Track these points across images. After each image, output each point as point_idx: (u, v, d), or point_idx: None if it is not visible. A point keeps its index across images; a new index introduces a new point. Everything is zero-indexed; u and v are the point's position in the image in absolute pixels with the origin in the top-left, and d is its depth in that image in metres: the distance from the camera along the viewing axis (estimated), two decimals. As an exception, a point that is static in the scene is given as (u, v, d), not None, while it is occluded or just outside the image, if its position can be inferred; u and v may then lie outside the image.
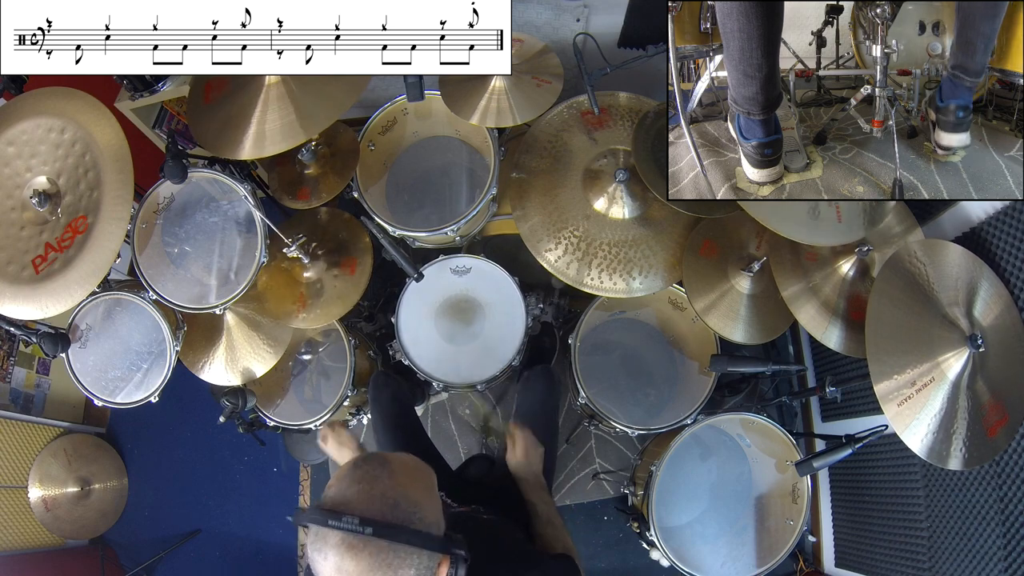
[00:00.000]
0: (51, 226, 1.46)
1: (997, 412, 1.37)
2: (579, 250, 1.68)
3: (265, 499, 2.63)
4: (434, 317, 1.90)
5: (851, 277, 1.59)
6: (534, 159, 1.76)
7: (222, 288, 1.72)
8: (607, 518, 2.42)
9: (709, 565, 1.80)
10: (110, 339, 1.78)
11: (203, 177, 1.68)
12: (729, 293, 1.70)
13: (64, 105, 1.47)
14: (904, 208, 1.67)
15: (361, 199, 1.79)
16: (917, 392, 1.32)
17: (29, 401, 2.41)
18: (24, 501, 2.38)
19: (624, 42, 2.09)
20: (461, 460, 1.94)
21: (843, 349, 1.56)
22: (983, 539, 1.55)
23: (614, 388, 2.13)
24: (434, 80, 1.71)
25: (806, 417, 2.42)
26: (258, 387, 1.98)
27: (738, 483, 2.03)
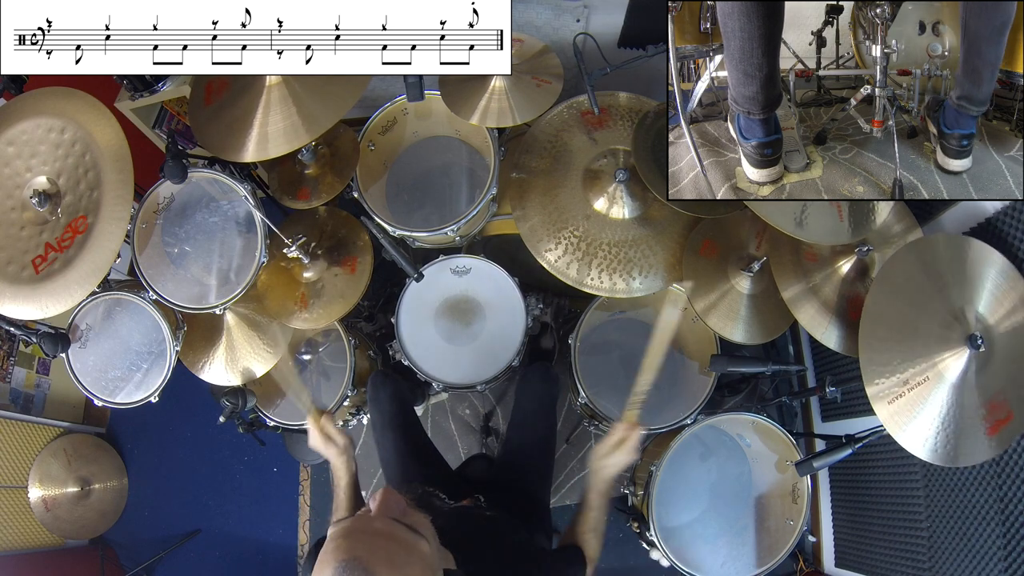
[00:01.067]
0: (51, 226, 1.46)
1: (1001, 410, 1.36)
2: (579, 250, 1.68)
3: (265, 499, 2.63)
4: (434, 317, 1.90)
5: (851, 277, 1.59)
6: (534, 159, 1.76)
7: (222, 288, 1.72)
8: (607, 518, 2.41)
9: (709, 565, 1.80)
10: (110, 339, 1.78)
11: (203, 177, 1.68)
12: (729, 293, 1.70)
13: (64, 105, 1.47)
14: (904, 208, 1.67)
15: (361, 199, 1.79)
16: (910, 391, 1.32)
17: (29, 401, 2.42)
18: (24, 501, 2.38)
19: (624, 42, 2.09)
20: (461, 460, 1.94)
21: (843, 349, 1.56)
22: (983, 539, 1.55)
23: (614, 388, 2.13)
24: (434, 80, 1.71)
25: (806, 417, 2.42)
26: (258, 387, 1.97)
27: (738, 483, 2.03)
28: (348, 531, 0.71)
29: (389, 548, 0.70)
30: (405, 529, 0.73)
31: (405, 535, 0.72)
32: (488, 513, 1.20)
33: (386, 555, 0.69)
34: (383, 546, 0.70)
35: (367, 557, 0.67)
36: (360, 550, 0.68)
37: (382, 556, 0.69)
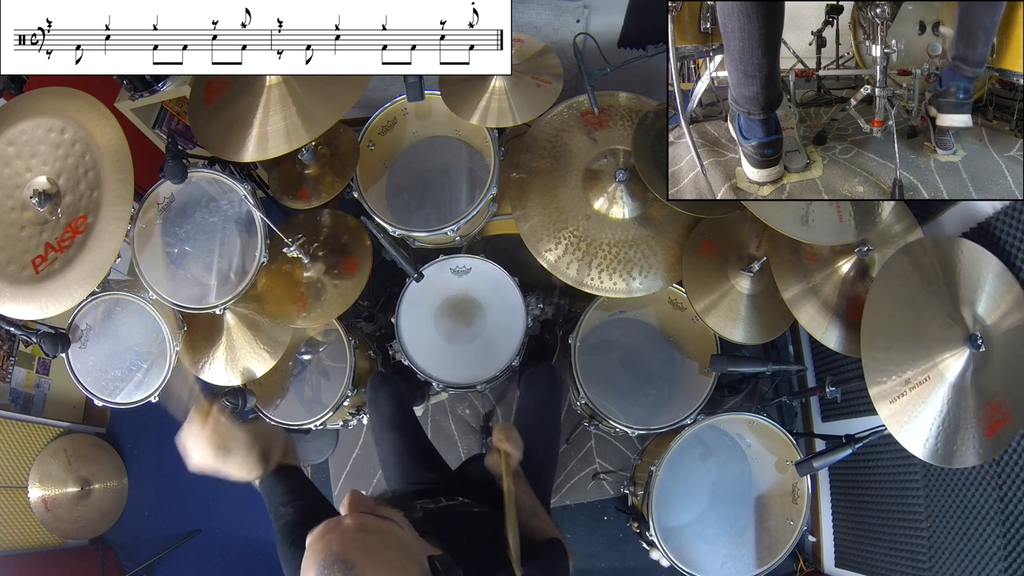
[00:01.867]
0: (51, 226, 1.46)
1: (998, 412, 1.36)
2: (579, 250, 1.68)
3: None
4: (434, 317, 1.90)
5: (851, 277, 1.59)
6: (534, 159, 1.76)
7: (222, 288, 1.72)
8: (607, 518, 2.42)
9: (709, 565, 1.80)
10: (110, 339, 1.78)
11: (203, 177, 1.67)
12: (729, 293, 1.70)
13: (64, 105, 1.47)
14: (904, 208, 1.67)
15: (361, 199, 1.79)
16: (911, 390, 1.32)
17: (29, 401, 2.41)
18: (24, 501, 2.38)
19: (624, 42, 2.09)
20: (461, 460, 1.94)
21: (843, 349, 1.56)
22: (983, 539, 1.55)
23: (614, 388, 2.13)
24: (434, 80, 1.71)
25: (806, 417, 2.42)
26: (258, 387, 1.97)
27: (738, 483, 2.03)
28: (320, 534, 0.74)
29: (361, 538, 0.73)
30: (374, 518, 0.76)
31: (375, 523, 0.76)
32: (476, 509, 1.20)
33: (360, 544, 0.72)
34: (355, 537, 0.73)
35: (342, 551, 0.71)
36: (335, 546, 0.71)
37: (356, 546, 0.72)
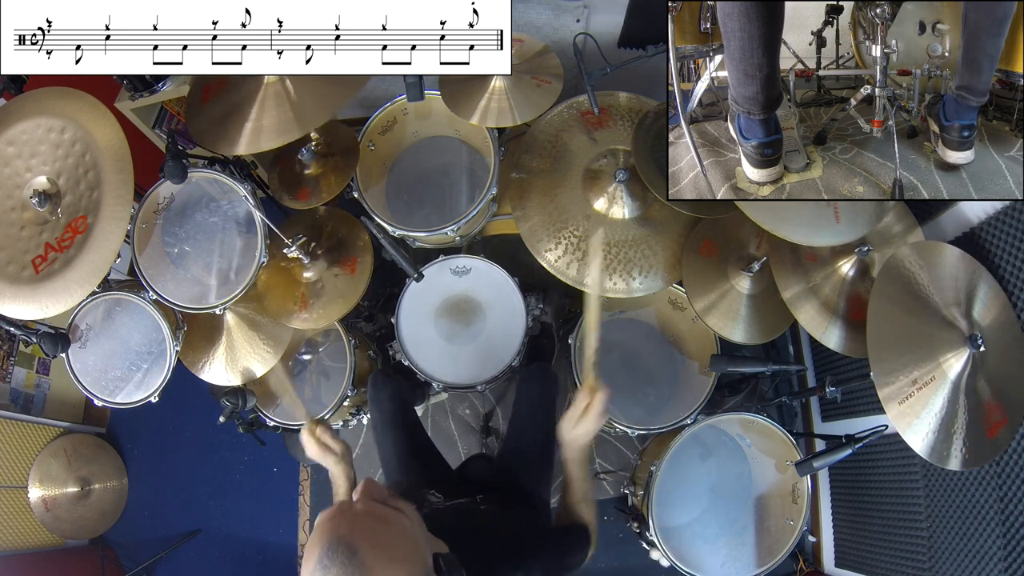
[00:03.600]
0: (51, 226, 1.46)
1: (997, 413, 1.37)
2: (579, 250, 1.68)
3: (265, 499, 2.63)
4: (434, 317, 1.90)
5: (851, 277, 1.59)
6: (534, 159, 1.76)
7: (222, 288, 1.72)
8: (607, 518, 2.41)
9: (709, 565, 1.80)
10: (110, 339, 1.78)
11: (203, 177, 1.68)
12: (729, 293, 1.70)
13: (64, 105, 1.47)
14: (904, 208, 1.67)
15: (361, 199, 1.79)
16: (918, 391, 1.32)
17: (29, 401, 2.42)
18: (24, 501, 2.38)
19: (624, 42, 2.09)
20: (461, 460, 1.94)
21: (843, 349, 1.56)
22: (983, 539, 1.55)
23: (614, 388, 2.11)
24: (434, 80, 1.71)
25: (806, 417, 2.42)
26: (258, 387, 1.98)
27: (738, 483, 2.03)
28: (330, 515, 0.73)
29: (371, 525, 0.73)
30: (385, 508, 0.76)
31: (385, 512, 0.75)
32: (483, 507, 1.20)
33: (369, 532, 0.71)
34: (364, 524, 0.72)
35: (349, 535, 0.70)
36: (343, 530, 0.70)
37: (365, 533, 0.71)
